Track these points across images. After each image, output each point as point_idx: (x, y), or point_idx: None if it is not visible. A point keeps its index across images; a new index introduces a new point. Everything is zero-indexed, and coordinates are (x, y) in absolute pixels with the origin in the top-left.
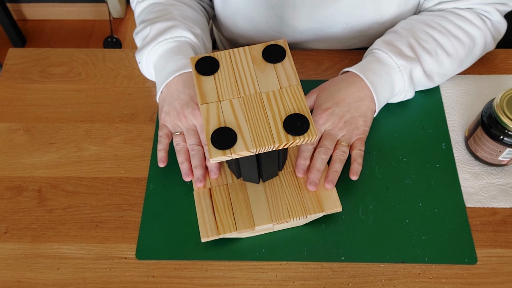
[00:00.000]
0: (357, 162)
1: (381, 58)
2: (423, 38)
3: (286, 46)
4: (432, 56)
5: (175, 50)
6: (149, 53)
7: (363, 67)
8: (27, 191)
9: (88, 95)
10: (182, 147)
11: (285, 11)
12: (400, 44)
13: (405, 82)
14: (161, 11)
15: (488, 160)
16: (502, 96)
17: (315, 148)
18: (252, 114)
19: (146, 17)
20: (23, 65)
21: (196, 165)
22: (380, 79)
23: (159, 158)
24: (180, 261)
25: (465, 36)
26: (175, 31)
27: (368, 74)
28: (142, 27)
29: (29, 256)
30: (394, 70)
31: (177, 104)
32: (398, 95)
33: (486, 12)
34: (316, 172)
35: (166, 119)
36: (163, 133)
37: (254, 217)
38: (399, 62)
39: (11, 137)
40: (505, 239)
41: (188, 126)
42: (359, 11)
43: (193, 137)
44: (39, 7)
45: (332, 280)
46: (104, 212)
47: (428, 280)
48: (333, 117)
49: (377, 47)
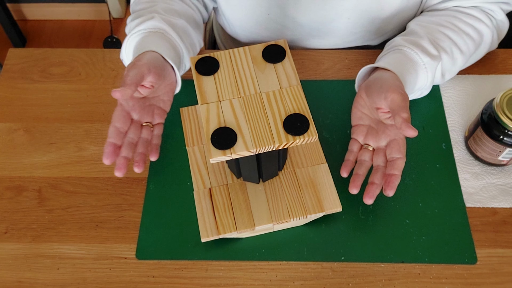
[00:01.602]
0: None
1: (408, 54)
2: (439, 38)
3: (286, 46)
4: (448, 55)
5: (144, 39)
6: (125, 47)
7: (392, 64)
8: (27, 191)
9: (88, 95)
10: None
11: (287, 2)
12: (423, 42)
13: (428, 79)
14: (148, 2)
15: (488, 160)
16: (502, 96)
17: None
18: (252, 114)
19: (134, 8)
20: (23, 65)
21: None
22: (409, 75)
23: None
24: (180, 261)
25: (475, 33)
26: (148, 23)
27: (399, 70)
28: (129, 20)
29: (29, 256)
30: (420, 67)
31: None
32: (416, 92)
33: (491, 10)
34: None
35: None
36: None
37: (254, 217)
38: (425, 59)
39: (11, 137)
40: (505, 239)
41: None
42: (361, 5)
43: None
44: (39, 7)
45: (332, 280)
46: (104, 212)
47: (428, 280)
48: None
49: (400, 44)
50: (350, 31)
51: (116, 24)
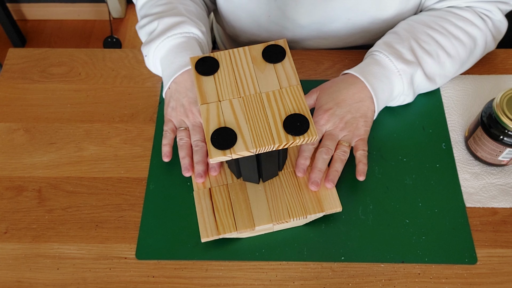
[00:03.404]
0: (363, 162)
1: (381, 61)
2: (424, 40)
3: (286, 46)
4: (433, 58)
5: (184, 45)
6: (157, 47)
7: (364, 70)
8: (27, 191)
9: (88, 95)
10: (185, 142)
11: (287, 4)
12: (401, 47)
13: (404, 86)
14: (166, 5)
15: (488, 160)
16: (502, 96)
17: (315, 149)
18: (252, 114)
19: (150, 11)
20: (23, 65)
21: (199, 160)
22: (380, 82)
23: (164, 153)
24: (180, 261)
25: (465, 36)
26: (184, 27)
27: (368, 76)
28: (148, 21)
29: (29, 256)
30: (394, 73)
31: (185, 101)
32: (396, 99)
33: (488, 11)
34: (318, 172)
35: (172, 114)
36: (168, 128)
37: (254, 217)
38: (400, 66)
39: (11, 137)
40: (505, 239)
41: (194, 122)
42: (360, 7)
43: (198, 133)
44: (39, 7)
45: (332, 280)
46: (104, 212)
47: (428, 280)
48: (334, 118)
49: (378, 49)
50: (350, 32)
51: (116, 24)
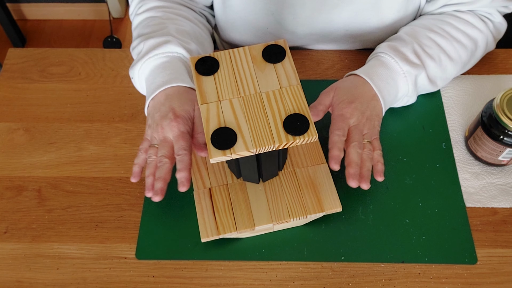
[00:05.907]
0: (381, 162)
1: (387, 62)
2: (426, 44)
3: (286, 46)
4: (435, 62)
5: (165, 65)
6: (140, 68)
7: (369, 71)
8: (26, 191)
9: (88, 95)
10: (152, 160)
11: (285, 17)
12: (405, 50)
13: (409, 87)
14: (157, 25)
15: (488, 160)
16: (502, 96)
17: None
18: (252, 114)
19: (142, 31)
20: (23, 65)
21: (159, 177)
22: (386, 84)
23: (132, 173)
24: (180, 261)
25: (467, 39)
26: (167, 47)
27: (374, 78)
28: (137, 43)
29: (28, 256)
30: (399, 75)
31: (157, 116)
32: (400, 100)
33: (488, 13)
34: (356, 166)
35: (147, 132)
36: (142, 147)
37: (254, 217)
38: (405, 67)
39: (11, 137)
40: (505, 239)
41: (163, 137)
42: (359, 17)
43: (164, 148)
44: (39, 7)
45: (332, 280)
46: (104, 212)
47: (428, 280)
48: (357, 112)
49: (383, 51)
50: (349, 40)
51: (116, 24)
